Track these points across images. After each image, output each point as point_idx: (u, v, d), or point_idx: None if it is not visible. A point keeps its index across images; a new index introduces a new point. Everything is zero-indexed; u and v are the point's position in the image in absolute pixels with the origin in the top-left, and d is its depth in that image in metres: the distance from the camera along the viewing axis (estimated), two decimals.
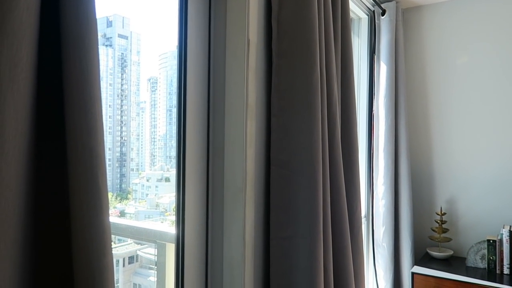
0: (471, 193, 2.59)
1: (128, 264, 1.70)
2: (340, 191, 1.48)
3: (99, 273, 0.59)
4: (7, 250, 0.54)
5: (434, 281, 2.21)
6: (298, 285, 1.37)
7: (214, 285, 1.42)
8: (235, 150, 1.37)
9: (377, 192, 2.56)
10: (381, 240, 2.53)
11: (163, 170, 1.68)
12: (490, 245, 2.28)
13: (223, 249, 1.40)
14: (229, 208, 1.38)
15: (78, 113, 0.59)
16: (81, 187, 0.59)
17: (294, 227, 1.39)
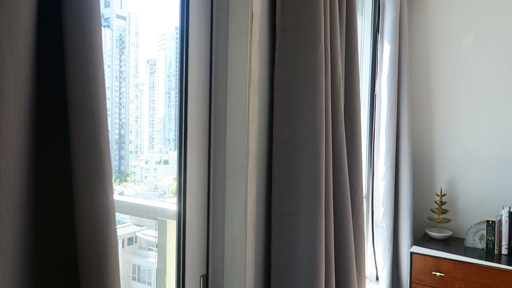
0: (471, 174, 2.59)
1: (127, 245, 1.70)
2: (342, 169, 1.48)
3: (103, 241, 0.58)
4: (9, 215, 0.53)
5: (432, 260, 2.23)
6: (299, 261, 1.37)
7: (215, 260, 1.42)
8: (237, 126, 1.36)
9: (377, 173, 2.55)
10: (381, 220, 2.54)
11: (162, 152, 1.67)
12: (489, 225, 2.29)
13: (225, 225, 1.40)
14: (231, 184, 1.37)
15: (80, 76, 0.57)
16: (84, 152, 0.58)
17: (296, 204, 1.38)
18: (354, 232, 1.59)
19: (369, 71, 2.65)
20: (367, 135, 2.67)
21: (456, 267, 2.16)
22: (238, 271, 1.36)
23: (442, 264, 2.20)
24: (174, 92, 1.64)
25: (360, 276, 1.63)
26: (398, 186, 2.57)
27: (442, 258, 2.21)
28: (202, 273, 1.41)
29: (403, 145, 2.55)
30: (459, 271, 2.16)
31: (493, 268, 2.06)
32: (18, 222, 0.54)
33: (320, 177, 1.34)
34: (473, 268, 2.12)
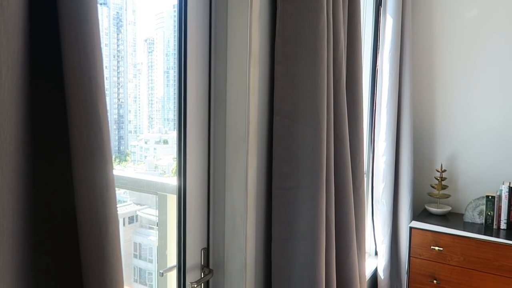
0: (472, 150, 2.58)
1: (128, 224, 1.71)
2: (343, 142, 1.46)
3: (102, 206, 0.57)
4: (5, 180, 0.52)
5: (431, 235, 2.25)
6: (300, 234, 1.37)
7: (216, 233, 1.43)
8: (238, 99, 1.33)
9: (378, 148, 2.54)
10: (381, 196, 2.55)
11: (161, 132, 1.66)
12: (489, 201, 2.29)
13: (225, 198, 1.40)
14: (231, 157, 1.36)
15: (75, 37, 0.55)
16: (81, 117, 0.56)
17: (297, 178, 1.38)
18: (355, 206, 1.59)
19: (371, 45, 2.61)
20: (368, 111, 2.65)
21: (455, 241, 2.18)
22: (238, 244, 1.37)
23: (441, 239, 2.22)
24: (173, 72, 1.61)
25: (360, 250, 1.64)
26: (398, 162, 2.56)
27: (441, 233, 2.22)
28: (203, 246, 1.41)
29: (404, 120, 2.53)
30: (457, 246, 2.17)
31: (492, 242, 2.08)
32: (15, 188, 0.53)
33: (322, 150, 1.33)
34: (472, 242, 2.13)
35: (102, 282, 0.58)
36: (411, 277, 2.32)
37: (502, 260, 2.06)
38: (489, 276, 2.09)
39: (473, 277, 2.14)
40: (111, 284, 0.59)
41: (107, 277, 0.58)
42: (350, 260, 1.50)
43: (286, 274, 1.41)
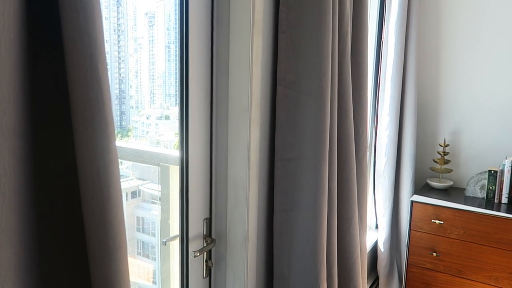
0: (475, 125, 2.57)
1: (131, 199, 1.72)
2: (347, 113, 1.45)
3: (104, 169, 0.57)
4: (5, 140, 0.51)
5: (432, 209, 2.26)
6: (302, 205, 1.38)
7: (218, 204, 1.43)
8: (241, 68, 1.31)
9: (381, 122, 2.53)
10: (383, 170, 2.55)
11: (163, 108, 1.65)
12: (491, 175, 2.29)
13: (228, 169, 1.39)
14: (234, 128, 1.35)
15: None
16: (80, 77, 0.55)
17: (300, 149, 1.37)
18: (357, 178, 1.59)
19: (377, 16, 2.55)
20: (372, 84, 2.62)
21: (456, 215, 2.19)
22: (241, 214, 1.38)
23: (442, 212, 2.23)
24: (174, 46, 1.58)
25: (361, 222, 1.65)
26: (401, 136, 2.55)
27: (442, 207, 2.23)
28: (205, 216, 1.42)
29: (408, 94, 2.50)
30: (458, 219, 2.19)
31: (492, 216, 2.09)
32: (16, 148, 0.52)
33: (325, 121, 1.32)
34: (473, 216, 2.15)
35: (105, 245, 0.59)
36: (410, 250, 2.34)
37: (502, 233, 2.07)
38: (488, 249, 2.12)
39: (472, 250, 2.16)
40: (114, 246, 0.59)
41: (110, 239, 0.59)
42: (351, 231, 1.51)
43: (287, 244, 1.42)
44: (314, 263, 1.37)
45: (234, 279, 1.42)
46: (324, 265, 1.39)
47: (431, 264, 2.30)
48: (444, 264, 2.26)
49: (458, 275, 2.22)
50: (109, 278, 0.59)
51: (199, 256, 1.39)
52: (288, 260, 1.43)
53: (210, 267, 1.46)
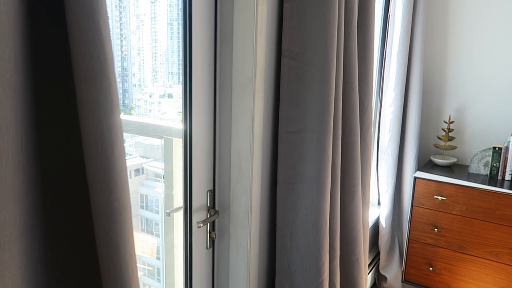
0: (481, 102, 2.54)
1: (134, 176, 1.73)
2: (352, 86, 1.43)
3: (107, 129, 0.56)
4: (6, 96, 0.50)
5: (435, 185, 2.26)
6: (305, 177, 1.38)
7: (221, 176, 1.44)
8: (245, 39, 1.29)
9: (386, 98, 2.50)
10: (386, 147, 2.54)
11: (166, 86, 1.64)
12: (496, 152, 2.28)
13: (231, 141, 1.39)
14: (238, 99, 1.34)
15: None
16: (82, 34, 0.53)
17: (304, 121, 1.36)
18: (361, 152, 1.58)
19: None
20: (377, 59, 2.58)
21: (458, 191, 2.19)
22: (244, 186, 1.38)
23: (445, 189, 2.23)
24: (177, 24, 1.55)
25: (364, 196, 1.66)
26: (406, 112, 2.53)
27: (445, 183, 2.23)
28: (209, 188, 1.43)
29: (414, 70, 2.46)
30: (461, 195, 2.19)
31: (495, 192, 2.09)
32: (17, 107, 0.52)
33: (330, 93, 1.30)
34: (475, 192, 2.15)
35: (109, 206, 0.59)
36: (412, 226, 2.36)
37: (504, 209, 2.08)
38: (490, 225, 2.13)
39: (474, 226, 2.17)
40: (118, 207, 0.59)
41: (115, 200, 0.59)
42: (354, 204, 1.52)
43: (290, 216, 1.43)
44: (316, 235, 1.38)
45: (237, 250, 1.44)
46: (327, 237, 1.40)
47: (432, 240, 2.32)
48: (445, 239, 2.27)
49: (459, 250, 2.24)
50: (114, 239, 0.60)
51: (202, 227, 1.40)
52: (291, 232, 1.44)
53: (213, 239, 1.47)
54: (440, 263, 2.31)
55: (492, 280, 2.17)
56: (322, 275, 1.41)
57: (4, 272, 0.52)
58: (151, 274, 1.83)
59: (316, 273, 1.40)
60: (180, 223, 1.45)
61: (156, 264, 1.83)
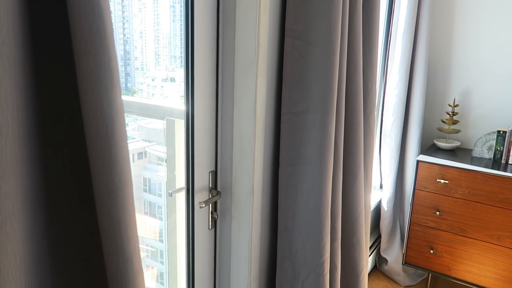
0: (486, 85, 2.51)
1: (137, 160, 1.73)
2: (357, 67, 1.41)
3: (108, 104, 0.55)
4: (5, 68, 0.49)
5: (438, 168, 2.25)
6: (307, 159, 1.37)
7: (223, 157, 1.43)
8: (247, 19, 1.27)
9: (390, 81, 2.48)
10: (389, 130, 2.53)
11: (168, 70, 1.62)
12: (500, 136, 2.27)
13: (233, 122, 1.38)
14: (240, 80, 1.33)
15: None
16: (81, 7, 0.52)
17: (306, 102, 1.35)
18: (364, 133, 1.57)
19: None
20: (382, 41, 2.55)
21: (461, 174, 2.19)
22: (246, 167, 1.38)
23: (448, 172, 2.23)
24: (179, 6, 1.53)
25: (366, 178, 1.65)
26: (410, 96, 2.51)
27: (448, 166, 2.22)
28: (211, 169, 1.43)
29: (419, 52, 2.43)
30: (463, 179, 2.19)
31: (498, 176, 2.08)
32: (17, 79, 0.51)
33: (334, 74, 1.28)
34: (478, 176, 2.14)
35: (111, 181, 0.58)
36: (414, 209, 2.36)
37: (507, 193, 2.07)
38: (492, 209, 2.13)
39: (476, 209, 2.17)
40: (120, 183, 0.59)
41: (116, 176, 0.58)
42: (357, 186, 1.52)
43: (292, 197, 1.43)
44: (318, 216, 1.38)
45: (239, 230, 1.44)
46: (328, 218, 1.40)
47: (433, 223, 2.32)
48: (447, 222, 2.28)
49: (460, 233, 2.25)
50: (115, 215, 0.60)
51: (204, 207, 1.41)
52: (293, 213, 1.45)
53: (215, 219, 1.48)
54: (441, 246, 2.32)
55: (492, 263, 2.18)
56: (323, 256, 1.42)
57: (6, 246, 0.53)
58: (154, 256, 1.85)
59: (317, 254, 1.41)
60: (182, 204, 1.45)
61: (159, 247, 1.85)
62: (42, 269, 0.62)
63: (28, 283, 0.58)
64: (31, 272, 0.59)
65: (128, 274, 0.62)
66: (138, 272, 0.64)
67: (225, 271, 1.54)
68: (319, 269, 1.42)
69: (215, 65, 1.36)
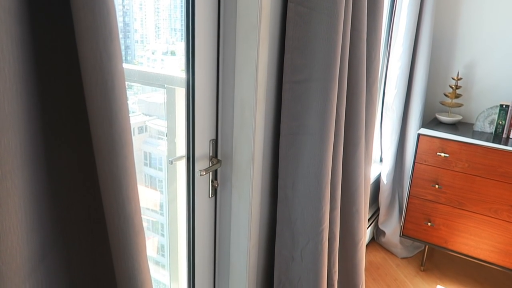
0: (491, 58, 2.47)
1: (138, 134, 1.72)
2: (361, 34, 1.38)
3: (107, 60, 0.54)
4: (1, 21, 0.48)
5: (438, 142, 2.25)
6: (308, 128, 1.37)
7: (224, 125, 1.43)
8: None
9: (393, 53, 2.44)
10: (392, 103, 2.51)
11: (168, 43, 1.59)
12: (502, 109, 2.25)
13: (234, 90, 1.37)
14: (242, 47, 1.30)
15: None
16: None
17: (309, 70, 1.33)
18: (366, 103, 1.56)
19: None
20: (387, 12, 2.49)
21: (462, 148, 2.18)
22: (247, 136, 1.37)
23: (448, 146, 2.22)
24: None
25: (367, 149, 1.65)
26: (413, 68, 2.47)
27: (449, 140, 2.22)
28: (211, 137, 1.42)
29: (424, 24, 2.38)
30: (464, 152, 2.18)
31: (499, 150, 2.08)
32: (13, 31, 0.50)
33: (337, 41, 1.26)
34: (479, 149, 2.14)
35: (111, 139, 0.58)
36: (413, 182, 2.37)
37: (506, 167, 2.08)
38: (491, 182, 2.14)
39: (475, 183, 2.18)
40: (120, 141, 0.58)
41: (116, 134, 0.58)
42: (357, 155, 1.52)
43: (293, 166, 1.43)
44: (318, 186, 1.39)
45: (239, 199, 1.45)
46: (328, 187, 1.41)
47: (432, 196, 2.34)
48: (446, 196, 2.29)
49: (458, 206, 2.27)
50: (116, 173, 0.59)
51: (205, 175, 1.41)
52: (293, 182, 1.45)
53: (215, 188, 1.49)
54: (439, 218, 2.35)
55: (489, 236, 2.21)
56: (322, 225, 1.43)
57: (8, 201, 0.52)
58: (155, 228, 1.87)
59: (317, 222, 1.42)
60: (183, 174, 1.45)
61: (160, 219, 1.87)
62: (43, 227, 0.62)
63: (30, 239, 0.59)
64: (33, 229, 0.59)
65: (129, 233, 0.62)
66: (139, 232, 0.64)
67: (225, 239, 1.56)
68: (318, 238, 1.44)
69: (216, 32, 1.33)
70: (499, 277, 2.52)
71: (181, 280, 1.73)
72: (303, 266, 1.50)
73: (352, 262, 1.68)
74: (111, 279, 0.71)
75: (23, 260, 0.58)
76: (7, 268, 0.55)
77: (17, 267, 0.57)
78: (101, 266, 0.69)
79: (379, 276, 2.47)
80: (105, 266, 0.70)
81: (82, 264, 0.68)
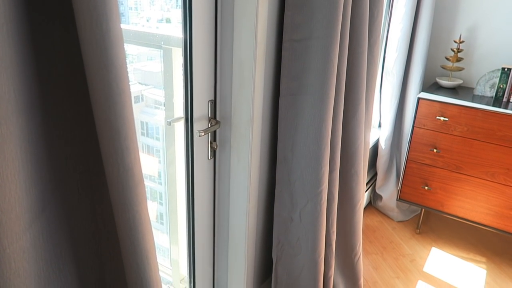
0: (495, 21, 2.41)
1: (134, 103, 1.70)
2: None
3: (106, 20, 0.51)
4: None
5: (438, 106, 2.23)
6: (308, 88, 1.35)
7: (223, 86, 1.40)
8: None
9: (395, 14, 2.38)
10: (392, 67, 2.47)
11: (163, 10, 1.53)
12: (504, 73, 2.22)
13: (233, 50, 1.34)
14: (240, 4, 1.26)
15: None
16: None
17: (310, 28, 1.29)
18: (368, 63, 1.53)
19: None
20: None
21: (462, 112, 2.17)
22: (246, 96, 1.35)
23: (448, 109, 2.21)
24: None
25: (367, 110, 1.64)
26: (415, 31, 2.42)
27: (448, 104, 2.20)
28: (210, 98, 1.40)
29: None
30: (463, 116, 2.17)
31: (499, 113, 2.07)
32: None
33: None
34: (479, 113, 2.13)
35: (108, 86, 0.56)
36: (412, 146, 2.38)
37: (505, 130, 2.07)
38: (489, 146, 2.14)
39: (473, 147, 2.19)
40: (117, 88, 0.56)
41: (113, 81, 0.56)
42: (357, 118, 1.50)
43: (292, 128, 1.42)
44: (317, 146, 1.38)
45: (238, 161, 1.45)
46: (328, 148, 1.40)
47: (430, 160, 2.35)
48: (443, 160, 2.30)
49: (456, 170, 2.28)
50: (114, 122, 0.58)
51: (203, 136, 1.40)
52: (292, 144, 1.44)
53: (214, 149, 1.48)
54: (436, 182, 2.37)
55: (485, 199, 2.24)
56: (321, 186, 1.44)
57: (4, 147, 0.51)
58: (153, 197, 1.88)
59: (316, 183, 1.43)
60: (181, 136, 1.44)
61: (158, 189, 1.87)
62: (41, 178, 0.61)
63: (29, 189, 0.58)
64: (32, 178, 0.58)
65: (129, 183, 0.62)
66: (139, 182, 0.64)
67: (225, 201, 1.57)
68: (317, 199, 1.45)
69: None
70: (492, 239, 2.57)
71: (181, 243, 1.76)
72: (301, 226, 1.52)
73: (350, 223, 1.70)
74: (112, 231, 0.71)
75: (23, 210, 0.57)
76: (6, 217, 0.54)
77: (16, 217, 0.56)
78: (101, 218, 0.69)
79: (375, 238, 2.52)
80: (105, 217, 0.69)
81: (82, 216, 0.68)
